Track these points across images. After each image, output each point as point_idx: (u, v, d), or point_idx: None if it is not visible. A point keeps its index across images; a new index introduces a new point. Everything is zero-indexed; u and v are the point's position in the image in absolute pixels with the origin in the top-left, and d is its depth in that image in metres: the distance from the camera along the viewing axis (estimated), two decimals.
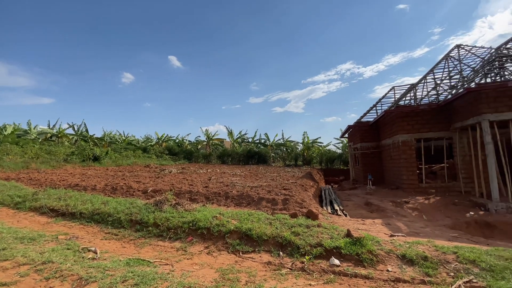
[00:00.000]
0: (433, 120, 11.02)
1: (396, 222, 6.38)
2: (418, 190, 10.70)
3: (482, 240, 5.31)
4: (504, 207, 7.69)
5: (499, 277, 3.11)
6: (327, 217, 6.21)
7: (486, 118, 8.29)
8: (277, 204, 6.60)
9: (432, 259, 3.49)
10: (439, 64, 13.74)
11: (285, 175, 13.77)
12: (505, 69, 10.50)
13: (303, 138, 29.94)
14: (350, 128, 17.59)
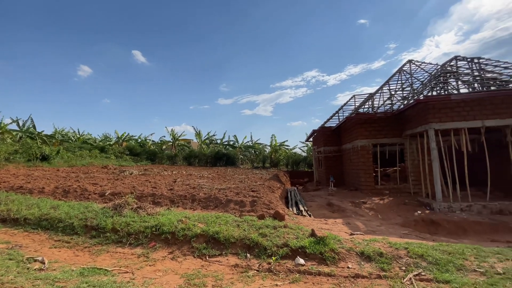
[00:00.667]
0: (388, 127, 12.04)
1: (355, 221, 6.82)
2: (374, 191, 11.57)
3: (428, 236, 5.93)
4: (446, 206, 8.70)
5: (443, 270, 3.50)
6: (293, 218, 6.40)
7: (432, 127, 9.31)
8: (245, 206, 6.61)
9: (386, 255, 3.80)
10: (393, 77, 15.08)
11: (253, 177, 13.86)
12: (449, 84, 11.95)
13: (271, 141, 30.50)
14: (314, 132, 18.39)
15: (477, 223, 7.36)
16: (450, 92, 11.26)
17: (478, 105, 9.04)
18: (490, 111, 8.94)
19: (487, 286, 3.06)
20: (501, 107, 8.87)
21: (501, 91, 9.18)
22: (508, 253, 4.05)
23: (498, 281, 3.15)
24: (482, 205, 8.51)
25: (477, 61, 11.64)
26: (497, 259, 3.78)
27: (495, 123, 8.85)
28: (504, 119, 8.79)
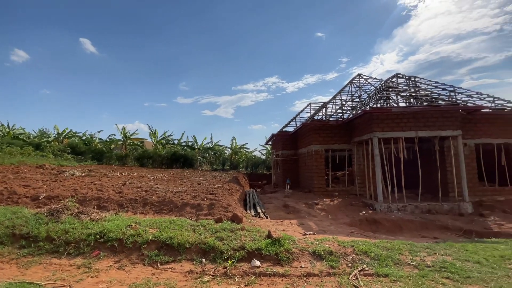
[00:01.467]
0: (339, 134, 13.01)
1: (308, 221, 7.18)
2: (326, 193, 12.35)
3: (371, 234, 6.53)
4: (386, 207, 9.72)
5: (383, 264, 3.88)
6: (251, 220, 6.44)
7: (375, 135, 10.36)
8: (202, 210, 6.44)
9: (335, 253, 4.07)
10: (344, 88, 16.39)
11: (212, 180, 13.61)
12: (390, 98, 13.43)
13: (232, 143, 30.39)
14: (273, 136, 18.92)
15: (410, 222, 8.37)
16: (392, 105, 12.69)
17: (413, 118, 10.35)
18: (423, 123, 10.30)
19: (419, 277, 3.49)
20: (431, 120, 10.30)
21: (431, 107, 10.67)
22: (435, 247, 4.68)
23: (428, 273, 3.62)
24: (414, 205, 9.73)
25: (414, 79, 13.35)
26: (427, 253, 4.35)
27: (426, 134, 10.23)
28: (433, 131, 10.21)
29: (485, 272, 3.71)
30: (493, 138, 11.28)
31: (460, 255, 4.28)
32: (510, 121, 11.40)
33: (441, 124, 10.22)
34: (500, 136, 11.30)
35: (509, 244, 4.96)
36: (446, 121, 10.23)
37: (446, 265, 3.85)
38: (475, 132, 11.30)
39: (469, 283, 3.39)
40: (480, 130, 11.34)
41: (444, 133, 10.15)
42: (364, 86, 16.71)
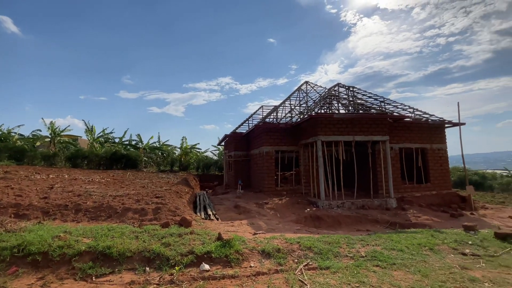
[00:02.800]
0: (288, 136, 13.69)
1: (258, 221, 7.35)
2: (275, 193, 12.83)
3: (315, 230, 7.03)
4: (327, 204, 10.58)
5: (325, 258, 4.20)
6: (201, 223, 6.28)
7: (319, 138, 11.21)
8: (147, 214, 6.01)
9: (283, 250, 4.25)
10: (293, 94, 17.31)
11: (159, 182, 12.80)
12: (332, 105, 14.70)
13: (182, 143, 29.09)
14: (226, 137, 18.83)
15: (348, 217, 9.28)
16: (333, 111, 13.90)
17: (351, 124, 11.52)
18: (359, 129, 11.56)
19: (354, 267, 3.88)
20: (365, 127, 11.62)
21: (366, 115, 12.05)
22: (368, 239, 5.28)
23: (362, 263, 4.05)
24: (351, 202, 10.82)
25: (352, 89, 14.88)
26: (361, 245, 4.87)
27: (361, 138, 11.50)
28: (367, 136, 11.54)
29: (407, 258, 4.34)
30: (412, 143, 13.34)
31: (387, 245, 4.92)
32: (425, 129, 13.63)
33: (373, 130, 11.62)
34: (418, 142, 13.43)
35: (424, 234, 5.90)
36: (377, 127, 11.68)
37: (376, 255, 4.38)
38: (399, 138, 13.18)
39: (394, 269, 3.92)
40: (403, 136, 13.27)
41: (375, 138, 11.57)
42: (311, 93, 17.94)
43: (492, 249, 5.01)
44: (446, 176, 13.77)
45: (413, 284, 3.42)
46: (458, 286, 3.37)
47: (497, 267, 4.16)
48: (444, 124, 13.73)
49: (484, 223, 8.61)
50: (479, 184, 21.68)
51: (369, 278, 3.52)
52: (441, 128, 13.93)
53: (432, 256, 4.53)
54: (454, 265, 4.17)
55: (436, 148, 13.65)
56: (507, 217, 9.82)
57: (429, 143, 13.55)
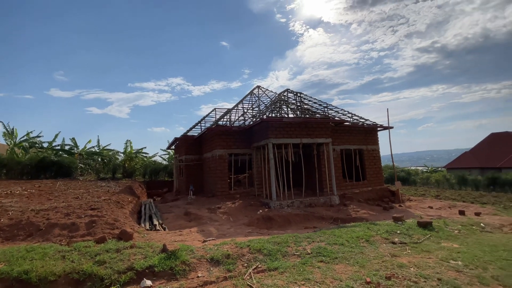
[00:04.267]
0: (241, 139, 13.73)
1: (210, 227, 7.13)
2: (228, 196, 12.70)
3: (266, 231, 7.12)
4: (278, 204, 10.90)
5: (274, 259, 4.26)
6: (144, 235, 5.79)
7: (271, 141, 11.54)
8: (79, 230, 5.27)
9: (233, 255, 4.17)
10: (246, 97, 17.52)
11: (97, 191, 11.45)
12: (282, 109, 15.31)
13: (126, 147, 26.65)
14: (177, 140, 17.95)
15: (297, 215, 9.69)
16: (283, 116, 14.49)
17: (298, 127, 12.15)
18: (305, 132, 12.25)
19: (301, 265, 4.02)
20: (311, 130, 12.39)
21: (312, 119, 12.85)
22: (314, 236, 5.56)
23: (307, 260, 4.23)
24: (300, 201, 11.36)
25: (300, 95, 15.75)
26: (307, 242, 5.09)
27: (308, 141, 12.20)
28: (313, 138, 12.31)
29: (347, 251, 4.69)
30: (351, 144, 14.72)
31: (330, 240, 5.25)
32: (362, 132, 15.19)
33: (318, 133, 12.46)
34: (356, 143, 14.87)
35: (362, 227, 6.48)
36: (321, 130, 12.56)
37: (320, 250, 4.63)
38: (340, 140, 14.40)
39: (336, 263, 4.19)
40: (343, 138, 14.55)
41: (320, 140, 12.41)
42: (262, 97, 18.40)
43: (416, 237, 5.78)
44: (379, 173, 15.54)
45: (352, 275, 3.69)
46: (389, 273, 3.76)
47: (420, 253, 4.80)
48: (377, 127, 15.50)
49: (409, 214, 9.93)
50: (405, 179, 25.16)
51: (314, 274, 3.69)
52: (374, 131, 15.70)
53: (368, 247, 5.00)
54: (385, 253, 4.67)
55: (370, 149, 15.32)
56: (427, 207, 11.52)
57: (365, 145, 15.15)
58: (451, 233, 6.30)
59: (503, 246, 5.21)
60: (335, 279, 3.55)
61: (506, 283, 3.55)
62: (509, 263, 4.27)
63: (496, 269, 4.02)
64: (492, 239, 5.99)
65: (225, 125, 14.86)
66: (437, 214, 9.73)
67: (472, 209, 10.35)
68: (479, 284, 3.50)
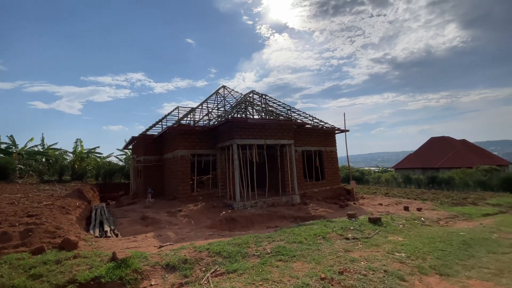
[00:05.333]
0: (205, 139, 13.41)
1: (168, 231, 6.80)
2: (191, 198, 12.30)
3: (227, 233, 7.04)
4: (242, 205, 10.88)
5: (233, 261, 4.19)
6: (92, 243, 5.28)
7: (235, 142, 11.48)
8: (11, 240, 4.60)
9: (190, 260, 4.01)
10: (211, 97, 17.19)
11: (38, 196, 10.16)
12: (248, 110, 15.37)
13: (75, 146, 24.21)
14: (134, 139, 16.84)
15: (259, 215, 9.78)
16: (248, 116, 14.55)
17: (263, 128, 12.30)
18: (269, 133, 12.46)
19: (260, 265, 4.03)
20: (275, 131, 12.64)
21: (276, 121, 13.12)
22: (274, 235, 5.63)
23: (267, 260, 4.26)
24: (263, 201, 11.49)
25: (265, 97, 15.97)
26: (268, 242, 5.14)
27: (272, 142, 12.42)
28: (277, 140, 12.57)
29: (305, 249, 4.85)
30: (312, 146, 15.38)
31: (290, 238, 5.38)
32: (321, 134, 15.97)
33: (282, 135, 12.77)
34: (316, 145, 15.58)
35: (319, 224, 6.77)
36: (284, 132, 12.89)
37: (280, 249, 4.71)
38: (302, 141, 14.95)
39: (294, 261, 4.29)
40: (305, 140, 15.14)
41: (283, 142, 12.73)
42: (228, 97, 18.23)
43: (367, 232, 6.22)
44: (337, 173, 16.50)
45: (308, 272, 3.82)
46: (342, 268, 3.97)
47: (370, 247, 5.16)
48: (335, 130, 16.45)
49: (362, 211, 10.69)
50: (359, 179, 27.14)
51: (272, 274, 3.73)
52: (333, 134, 16.64)
53: (324, 244, 5.23)
54: (340, 249, 4.94)
55: (329, 150, 16.19)
56: (377, 204, 12.53)
57: (324, 146, 15.96)
58: (396, 227, 6.92)
59: (439, 238, 5.88)
60: (292, 277, 3.63)
61: (442, 271, 4.00)
62: (444, 253, 4.83)
63: (433, 259, 4.50)
64: (430, 231, 6.72)
65: (189, 124, 14.38)
66: (386, 210, 10.64)
67: (415, 205, 11.53)
68: (419, 274, 3.88)
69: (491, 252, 4.95)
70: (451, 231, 6.68)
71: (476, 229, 7.11)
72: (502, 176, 19.69)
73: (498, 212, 11.25)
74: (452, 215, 9.69)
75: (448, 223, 8.44)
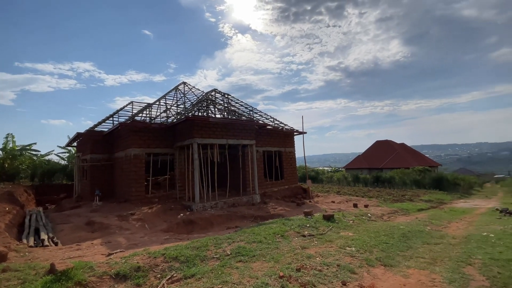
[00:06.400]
0: (162, 137, 12.71)
1: (118, 237, 6.26)
2: (145, 201, 11.54)
3: (185, 236, 6.77)
4: (201, 206, 10.60)
5: (191, 265, 4.03)
6: (26, 253, 4.58)
7: (196, 141, 11.12)
8: None
9: (144, 267, 3.74)
10: (170, 92, 16.42)
11: None
12: (209, 109, 15.04)
13: (6, 142, 20.80)
14: (80, 136, 15.16)
15: (219, 216, 9.64)
16: (210, 115, 14.25)
17: (225, 128, 12.17)
18: (232, 133, 12.38)
19: (219, 268, 3.95)
20: (237, 131, 12.61)
21: (238, 121, 13.09)
22: (234, 236, 5.59)
23: (227, 262, 4.19)
24: (223, 201, 11.36)
25: (227, 96, 15.83)
26: (228, 243, 5.07)
27: (234, 141, 12.36)
28: (239, 140, 12.55)
29: (264, 248, 4.91)
30: (272, 146, 15.76)
31: (250, 238, 5.40)
32: (281, 135, 16.45)
33: (243, 135, 12.80)
34: (276, 146, 16.00)
35: (278, 223, 6.94)
36: (247, 132, 12.95)
37: (240, 250, 4.69)
38: (263, 142, 15.21)
39: (254, 261, 4.31)
40: (266, 141, 15.44)
41: (245, 142, 12.77)
42: (189, 94, 17.61)
43: (321, 229, 6.58)
44: (295, 173, 17.19)
45: (267, 271, 3.87)
46: (299, 265, 4.12)
47: (324, 243, 5.46)
48: (293, 132, 17.11)
49: (317, 208, 11.30)
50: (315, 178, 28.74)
51: (232, 275, 3.68)
52: (292, 135, 17.28)
53: (283, 242, 5.38)
54: (297, 246, 5.12)
55: (288, 151, 16.78)
56: (330, 202, 13.39)
57: (283, 147, 16.49)
58: (347, 223, 7.47)
59: (383, 232, 6.51)
60: (252, 278, 3.64)
61: (386, 262, 4.42)
62: (388, 245, 5.35)
63: (379, 252, 4.96)
64: (375, 226, 7.41)
65: (144, 121, 13.48)
66: (338, 207, 11.43)
67: (362, 202, 12.61)
68: (367, 266, 4.23)
69: (426, 243, 5.67)
70: (392, 225, 7.46)
71: (413, 223, 8.06)
72: (433, 176, 22.79)
73: (430, 207, 12.97)
74: (393, 210, 10.85)
75: (390, 218, 9.42)
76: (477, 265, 4.21)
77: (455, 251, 5.04)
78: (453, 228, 7.63)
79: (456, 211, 11.59)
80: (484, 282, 3.56)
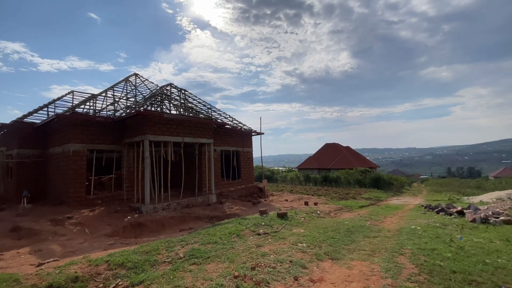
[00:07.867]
0: (107, 133, 11.56)
1: (51, 244, 5.48)
2: (85, 203, 10.36)
3: (133, 241, 6.28)
4: (152, 208, 9.95)
5: (140, 271, 3.74)
6: None
7: (147, 138, 10.39)
8: None
9: (83, 277, 3.35)
10: (119, 84, 15.07)
11: None
12: (164, 104, 14.21)
13: None
14: (4, 127, 12.87)
15: (172, 218, 9.19)
16: (164, 111, 13.50)
17: (181, 125, 11.65)
18: (188, 131, 11.91)
19: (171, 272, 3.76)
20: (194, 129, 12.19)
21: (195, 118, 12.66)
22: (188, 238, 5.39)
23: (179, 265, 4.01)
24: (177, 202, 10.87)
25: (184, 92, 15.18)
26: (181, 246, 4.86)
27: (190, 140, 11.92)
28: (195, 138, 12.14)
29: (219, 249, 4.84)
30: (230, 146, 15.69)
31: (205, 240, 5.27)
32: (239, 135, 16.50)
33: (201, 133, 12.45)
34: (234, 145, 15.98)
35: (234, 223, 6.93)
36: (204, 131, 12.62)
37: (194, 252, 4.54)
38: (221, 141, 15.03)
39: (208, 262, 4.22)
40: (224, 140, 15.29)
41: (202, 140, 12.44)
42: (141, 87, 16.41)
43: (275, 226, 6.78)
44: (252, 173, 17.41)
45: (222, 272, 3.82)
46: (254, 263, 4.17)
47: (278, 240, 5.64)
48: (251, 132, 17.32)
49: (272, 207, 11.62)
50: (270, 177, 29.59)
51: (184, 279, 3.54)
52: (249, 135, 17.47)
53: (238, 241, 5.39)
54: (252, 245, 5.18)
55: (246, 151, 16.91)
56: (284, 200, 13.90)
57: (241, 147, 16.56)
58: (299, 220, 7.86)
59: (331, 228, 7.01)
60: (206, 280, 3.56)
61: (333, 256, 4.77)
62: (334, 240, 5.78)
63: (327, 246, 5.32)
64: (324, 222, 7.95)
65: (87, 113, 12.09)
66: (291, 205, 11.94)
67: (312, 200, 13.42)
68: (317, 260, 4.50)
69: (366, 237, 6.28)
70: (338, 221, 8.09)
71: (355, 219, 8.87)
72: (372, 176, 25.44)
73: (369, 204, 14.44)
74: (339, 207, 11.78)
75: (337, 215, 10.21)
76: (408, 255, 4.83)
77: (390, 243, 5.70)
78: (388, 223, 8.62)
79: (390, 207, 13.14)
80: (413, 270, 4.09)
